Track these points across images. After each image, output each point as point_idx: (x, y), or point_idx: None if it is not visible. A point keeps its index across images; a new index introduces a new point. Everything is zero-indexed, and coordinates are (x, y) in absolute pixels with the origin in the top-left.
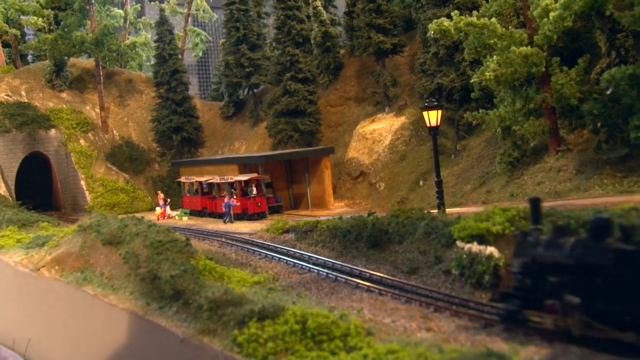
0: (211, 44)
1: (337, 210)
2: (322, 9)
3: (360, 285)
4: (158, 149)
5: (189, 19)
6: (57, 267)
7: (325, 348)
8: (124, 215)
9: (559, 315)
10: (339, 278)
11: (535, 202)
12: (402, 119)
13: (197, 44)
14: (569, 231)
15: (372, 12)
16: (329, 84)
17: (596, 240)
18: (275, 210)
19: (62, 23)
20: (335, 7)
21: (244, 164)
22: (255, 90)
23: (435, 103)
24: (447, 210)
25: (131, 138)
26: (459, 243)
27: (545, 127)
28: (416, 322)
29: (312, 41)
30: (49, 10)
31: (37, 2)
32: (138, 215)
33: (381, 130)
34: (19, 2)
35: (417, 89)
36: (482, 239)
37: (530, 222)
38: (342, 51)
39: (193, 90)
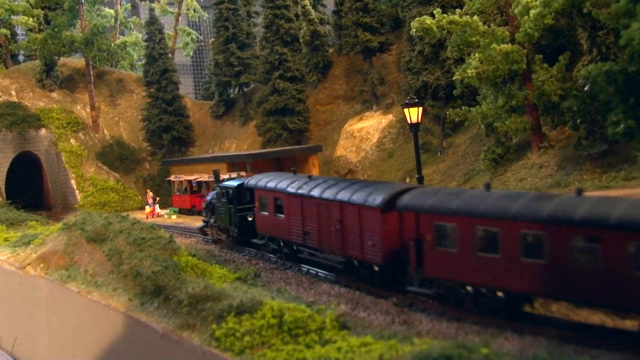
0: (206, 43)
1: None
2: (310, 7)
3: (339, 280)
4: (149, 148)
5: (183, 18)
6: (42, 265)
7: (301, 342)
8: (108, 214)
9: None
10: (319, 273)
11: (216, 172)
12: (390, 117)
13: (187, 44)
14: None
15: (359, 10)
16: (318, 82)
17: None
18: None
19: (52, 23)
20: (324, 6)
21: (232, 163)
22: (245, 89)
23: (416, 100)
24: None
25: (122, 137)
26: None
27: (527, 124)
28: (391, 316)
29: (300, 40)
30: (39, 9)
31: (27, 2)
32: (128, 214)
33: (369, 128)
34: (9, 1)
35: (403, 87)
36: None
37: (215, 183)
38: (330, 50)
39: (188, 89)
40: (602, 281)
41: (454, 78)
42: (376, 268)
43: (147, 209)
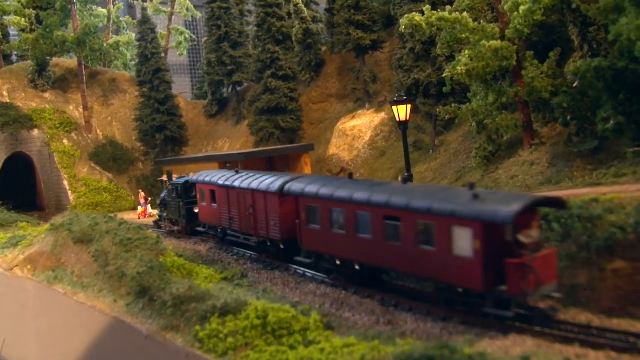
0: (201, 43)
1: None
2: (303, 6)
3: (325, 281)
4: (142, 148)
5: (176, 17)
6: (29, 267)
7: (284, 343)
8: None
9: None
10: (306, 273)
11: (169, 172)
12: (382, 115)
13: (180, 43)
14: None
15: (351, 8)
16: (311, 81)
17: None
18: None
19: (43, 22)
20: (316, 4)
21: (225, 162)
22: (238, 88)
23: (405, 97)
24: None
25: (115, 137)
26: None
27: (518, 121)
28: (376, 316)
29: (293, 38)
30: (31, 9)
31: (19, 2)
32: (121, 214)
33: (361, 126)
34: (1, 2)
35: (394, 85)
36: None
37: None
38: (323, 48)
39: (185, 89)
40: (403, 253)
41: (444, 75)
42: (282, 246)
43: (140, 209)
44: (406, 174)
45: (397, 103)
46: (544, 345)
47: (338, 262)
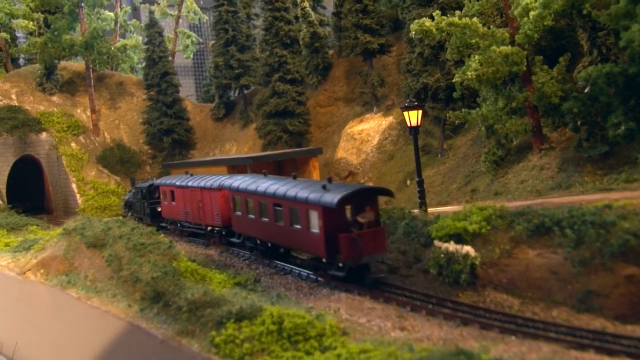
0: (207, 46)
1: None
2: (310, 9)
3: (338, 286)
4: (149, 151)
5: (182, 21)
6: (42, 271)
7: (300, 348)
8: (108, 219)
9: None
10: (318, 279)
11: (132, 179)
12: (390, 118)
13: (187, 46)
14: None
15: (358, 12)
16: (318, 84)
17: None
18: None
19: (52, 26)
20: (324, 7)
21: (233, 166)
22: (245, 92)
23: (416, 103)
24: (432, 209)
25: (122, 140)
26: (436, 242)
27: (528, 126)
28: (391, 322)
29: (300, 42)
30: (39, 13)
31: (27, 6)
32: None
33: (369, 130)
34: (9, 5)
35: (403, 89)
36: (459, 238)
37: (130, 187)
38: (330, 52)
39: (189, 91)
40: (285, 231)
41: (454, 80)
42: (223, 232)
43: None
44: (417, 179)
45: (408, 108)
46: (560, 352)
47: (258, 242)
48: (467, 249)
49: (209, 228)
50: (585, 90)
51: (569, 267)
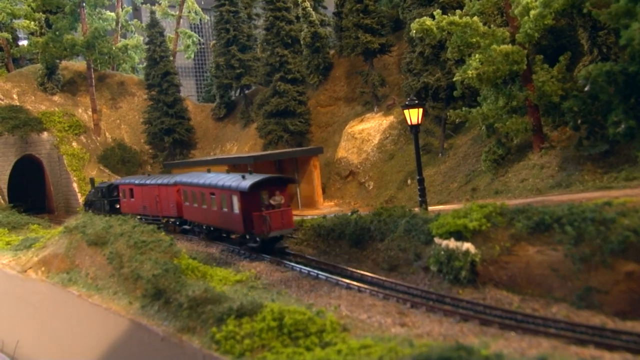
0: (207, 46)
1: (326, 209)
2: (311, 9)
3: (339, 283)
4: (150, 150)
5: (184, 21)
6: (43, 269)
7: (301, 344)
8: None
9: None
10: (319, 276)
11: (92, 179)
12: (391, 118)
13: (188, 46)
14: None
15: (359, 12)
16: (319, 84)
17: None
18: None
19: (53, 26)
20: (324, 7)
21: (234, 165)
22: (246, 92)
23: (416, 101)
24: (433, 207)
25: (123, 140)
26: (436, 240)
27: (528, 125)
28: (391, 318)
29: (301, 42)
30: (41, 13)
31: (29, 6)
32: None
33: (370, 129)
34: (10, 5)
35: (403, 88)
36: (459, 236)
37: (91, 187)
38: (331, 52)
39: (190, 92)
40: (219, 215)
41: (454, 79)
42: (177, 222)
43: None
44: (418, 178)
45: (409, 107)
46: (560, 347)
47: (204, 227)
48: (468, 246)
49: (165, 220)
50: (586, 89)
51: (569, 264)
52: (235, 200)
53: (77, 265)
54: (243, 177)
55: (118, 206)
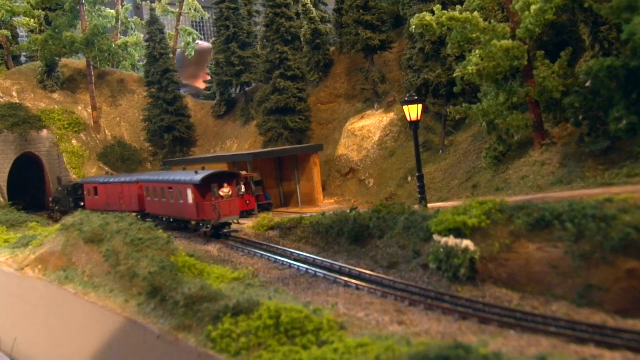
0: (208, 43)
1: (326, 207)
2: (311, 6)
3: (337, 280)
4: (150, 148)
5: (184, 18)
6: (40, 267)
7: (297, 343)
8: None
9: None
10: (317, 273)
11: (59, 179)
12: (391, 115)
13: (189, 43)
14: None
15: (359, 8)
16: (319, 81)
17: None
18: (265, 208)
19: (52, 24)
20: (325, 4)
21: (234, 162)
22: (246, 89)
23: (416, 97)
24: (433, 205)
25: (123, 138)
26: (435, 237)
27: (529, 121)
28: (389, 316)
29: (301, 39)
30: (40, 11)
31: (28, 3)
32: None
33: (370, 126)
34: (10, 3)
35: (404, 85)
36: (458, 233)
37: (58, 185)
38: (332, 48)
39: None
40: (176, 206)
41: (454, 75)
42: (139, 216)
43: None
44: (417, 175)
45: (408, 103)
46: (559, 346)
47: (164, 219)
48: (467, 243)
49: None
50: (587, 85)
51: (569, 261)
52: (189, 192)
53: (73, 263)
54: (196, 172)
55: (82, 203)
